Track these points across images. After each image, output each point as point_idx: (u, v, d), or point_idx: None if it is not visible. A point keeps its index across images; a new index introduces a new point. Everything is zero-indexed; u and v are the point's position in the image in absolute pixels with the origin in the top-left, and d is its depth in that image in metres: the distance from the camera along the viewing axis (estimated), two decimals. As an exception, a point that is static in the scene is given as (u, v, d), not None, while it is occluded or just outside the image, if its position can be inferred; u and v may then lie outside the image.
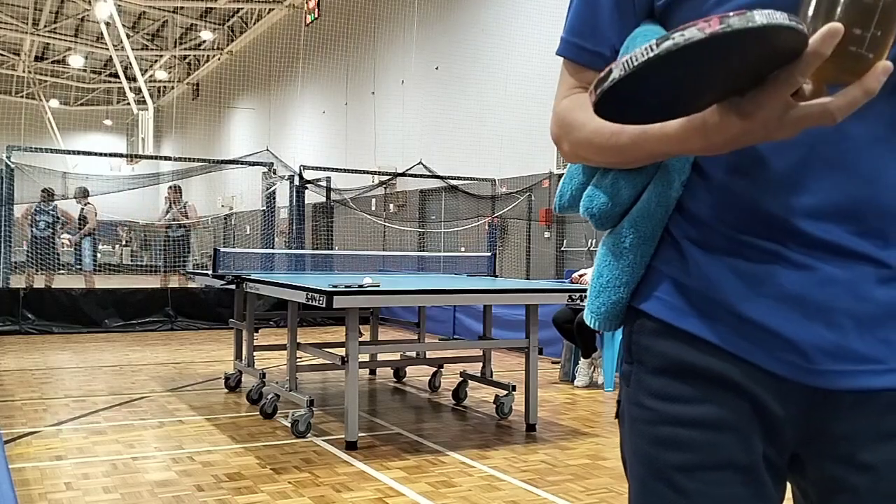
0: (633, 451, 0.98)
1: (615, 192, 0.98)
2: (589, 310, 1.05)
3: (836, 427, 0.88)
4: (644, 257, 0.98)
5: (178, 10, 22.91)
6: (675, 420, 0.92)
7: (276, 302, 9.21)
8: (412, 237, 13.92)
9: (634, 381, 0.98)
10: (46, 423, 4.71)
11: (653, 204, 0.96)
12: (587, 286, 5.45)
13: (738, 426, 0.90)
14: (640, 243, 0.97)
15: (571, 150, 0.97)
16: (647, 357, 0.97)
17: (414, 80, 14.65)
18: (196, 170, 12.79)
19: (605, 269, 1.01)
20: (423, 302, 5.49)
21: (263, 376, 5.24)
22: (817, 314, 0.85)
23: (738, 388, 0.90)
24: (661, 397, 0.94)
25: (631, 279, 0.99)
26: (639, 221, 0.97)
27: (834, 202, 0.86)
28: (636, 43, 0.96)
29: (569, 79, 1.02)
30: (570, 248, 10.60)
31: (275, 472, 3.76)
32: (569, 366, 6.64)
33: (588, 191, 1.01)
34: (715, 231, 0.92)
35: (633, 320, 1.00)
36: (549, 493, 3.53)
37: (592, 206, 1.00)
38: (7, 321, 8.99)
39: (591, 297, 1.04)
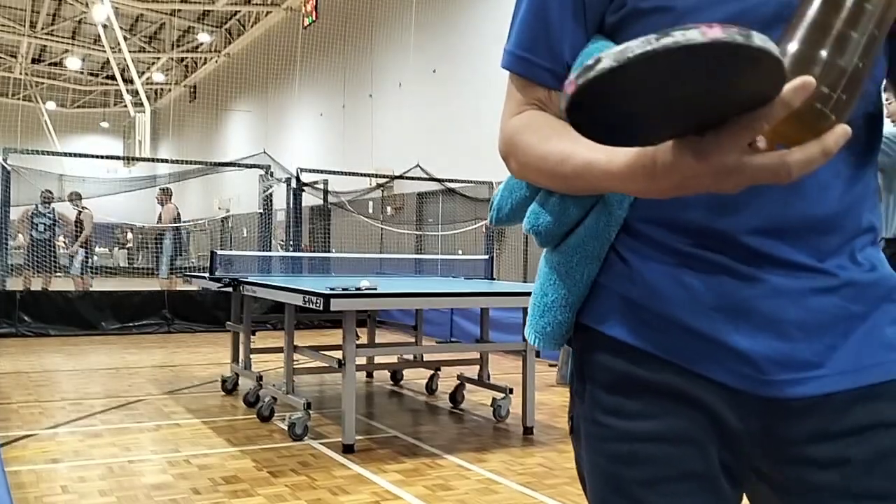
0: (591, 468, 0.97)
1: (562, 212, 0.96)
2: (532, 329, 1.02)
3: (791, 432, 0.89)
4: (590, 276, 0.97)
5: (175, 13, 22.91)
6: (631, 436, 0.92)
7: (272, 304, 9.20)
8: (409, 240, 13.91)
9: (588, 399, 0.97)
10: (42, 426, 4.70)
11: (601, 224, 0.95)
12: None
13: (694, 437, 0.90)
14: (587, 262, 0.96)
15: (519, 170, 0.95)
16: (598, 374, 0.96)
17: (411, 82, 14.65)
18: (193, 172, 12.78)
19: (550, 289, 1.00)
20: (421, 305, 5.49)
21: (260, 379, 5.23)
22: (766, 324, 0.86)
23: (691, 401, 0.90)
24: (615, 414, 0.93)
25: (577, 298, 0.98)
26: (587, 241, 0.96)
27: (779, 220, 0.87)
28: (585, 50, 0.94)
29: (516, 95, 0.99)
30: (568, 251, 10.61)
31: (271, 476, 3.75)
32: (566, 368, 6.63)
33: (533, 207, 1.00)
34: (661, 246, 0.91)
35: (582, 338, 0.99)
36: (547, 497, 3.53)
37: (539, 224, 0.98)
38: (3, 323, 8.97)
39: (533, 316, 1.02)
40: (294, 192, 11.04)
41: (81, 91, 29.86)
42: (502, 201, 1.07)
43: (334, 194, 12.47)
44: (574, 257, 0.97)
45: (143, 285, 10.83)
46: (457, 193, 12.47)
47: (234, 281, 5.29)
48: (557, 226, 0.97)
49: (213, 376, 6.45)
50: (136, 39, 24.58)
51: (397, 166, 13.79)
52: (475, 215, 12.17)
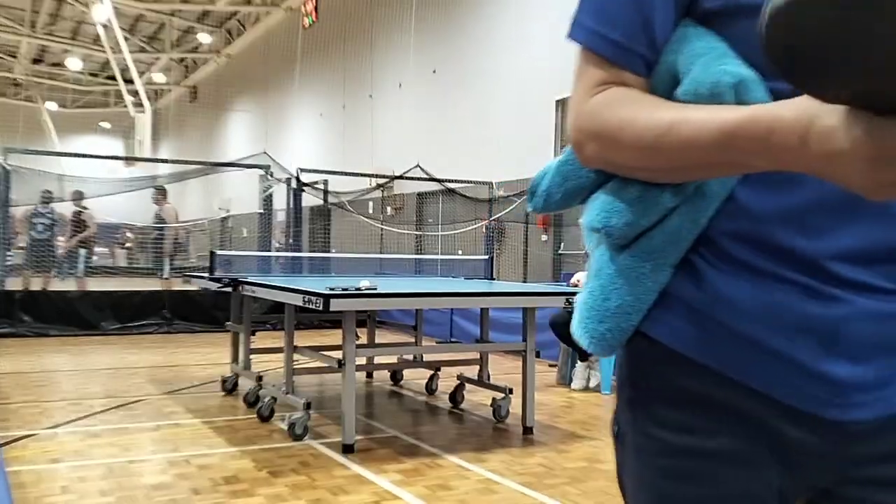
0: (638, 481, 0.94)
1: (641, 212, 0.88)
2: (588, 333, 0.94)
3: (859, 452, 0.87)
4: (661, 283, 0.90)
5: (175, 13, 22.92)
6: (686, 452, 0.88)
7: (272, 305, 9.19)
8: (409, 240, 13.91)
9: (640, 410, 0.93)
10: (42, 426, 4.70)
11: (683, 230, 0.88)
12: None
13: (751, 459, 0.87)
14: (661, 270, 0.90)
15: (599, 153, 0.87)
16: (655, 384, 0.92)
17: (411, 83, 14.65)
18: (193, 172, 12.79)
19: (615, 294, 0.92)
20: (421, 305, 5.49)
21: (260, 379, 5.23)
22: (847, 348, 0.84)
23: (755, 421, 0.87)
24: (670, 428, 0.90)
25: (644, 306, 0.91)
26: (665, 247, 0.89)
27: (868, 245, 0.84)
28: (693, 48, 0.85)
29: (595, 73, 0.89)
30: (568, 251, 10.60)
31: (271, 476, 3.75)
32: (566, 369, 6.64)
33: (605, 202, 0.91)
34: (741, 262, 0.87)
35: (638, 345, 0.93)
36: (547, 497, 3.53)
37: (612, 222, 0.90)
38: (3, 323, 8.97)
39: (590, 320, 0.94)
40: (294, 192, 11.04)
41: (82, 91, 29.87)
42: (552, 187, 1.00)
43: (334, 194, 12.48)
44: (647, 263, 0.90)
45: (143, 285, 10.83)
46: (457, 193, 12.47)
47: (233, 281, 5.29)
48: (633, 229, 0.89)
49: (213, 376, 6.45)
50: (136, 40, 24.59)
51: (397, 166, 13.79)
52: (475, 215, 12.16)
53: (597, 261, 0.96)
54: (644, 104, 0.84)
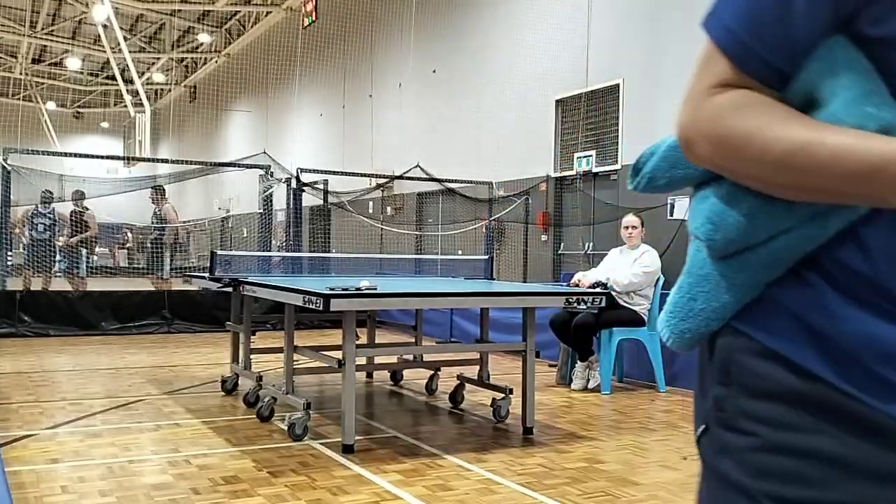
0: (724, 482, 0.88)
1: (750, 230, 0.84)
2: (670, 329, 0.94)
3: None
4: (750, 297, 0.87)
5: (175, 13, 22.91)
6: (783, 448, 0.84)
7: (272, 305, 9.20)
8: (409, 240, 13.91)
9: (731, 405, 0.88)
10: (42, 426, 4.70)
11: (788, 253, 0.84)
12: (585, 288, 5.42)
13: (855, 463, 0.82)
14: (754, 285, 0.87)
15: (712, 157, 0.83)
16: (751, 379, 0.87)
17: (411, 83, 14.65)
18: (193, 172, 12.78)
19: (702, 297, 0.90)
20: (421, 305, 5.49)
21: (260, 379, 5.23)
22: None
23: (862, 426, 0.82)
24: (766, 423, 0.85)
25: (728, 314, 0.89)
26: (766, 267, 0.85)
27: None
28: (838, 79, 0.79)
29: (723, 71, 0.83)
30: (568, 252, 10.60)
31: (271, 476, 3.75)
32: (566, 369, 6.64)
33: (713, 212, 0.87)
34: (865, 286, 0.82)
35: (734, 338, 0.89)
36: (547, 497, 3.53)
37: (716, 237, 0.86)
38: (3, 324, 8.97)
39: (674, 317, 0.93)
40: (294, 192, 11.04)
41: (81, 91, 29.87)
42: (658, 171, 0.97)
43: (334, 194, 12.48)
44: (741, 275, 0.87)
45: (143, 285, 10.83)
46: (457, 193, 12.47)
47: (234, 281, 5.29)
48: (738, 245, 0.85)
49: (213, 376, 6.45)
50: (136, 40, 24.59)
51: (397, 166, 13.79)
52: (475, 215, 12.17)
53: (692, 258, 0.94)
54: (776, 114, 0.79)
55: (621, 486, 3.72)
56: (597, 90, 10.18)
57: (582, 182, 10.27)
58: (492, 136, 12.18)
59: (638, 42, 9.57)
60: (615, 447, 4.49)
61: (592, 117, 10.29)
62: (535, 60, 11.12)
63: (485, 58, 12.54)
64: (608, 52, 10.03)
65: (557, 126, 10.88)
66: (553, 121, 10.91)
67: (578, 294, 4.82)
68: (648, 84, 9.38)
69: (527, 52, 11.29)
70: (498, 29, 12.25)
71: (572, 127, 10.66)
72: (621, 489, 3.68)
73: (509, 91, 11.84)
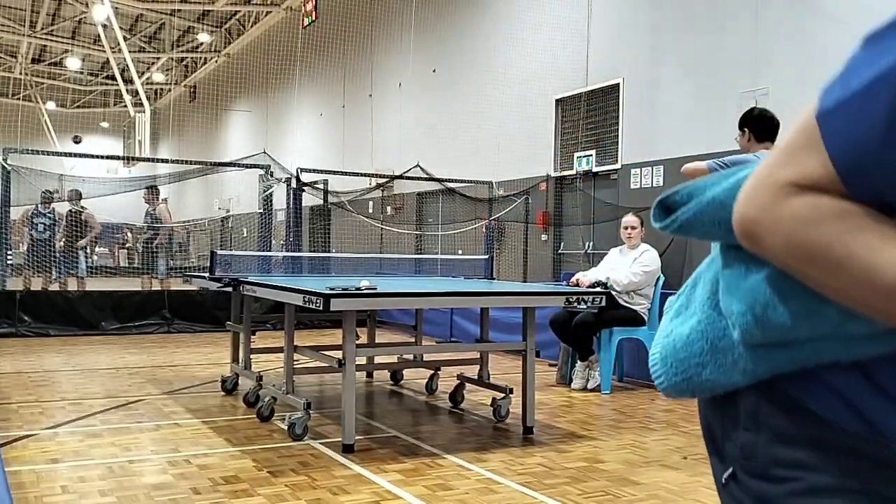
0: None
1: (794, 329, 0.81)
2: (667, 380, 0.92)
3: None
4: (768, 376, 0.86)
5: (175, 13, 22.91)
6: (822, 490, 0.83)
7: (273, 304, 9.21)
8: (409, 240, 13.91)
9: (763, 453, 0.87)
10: (43, 426, 4.70)
11: (826, 357, 0.82)
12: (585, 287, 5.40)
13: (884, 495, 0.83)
14: (775, 373, 0.85)
15: (787, 257, 0.77)
16: (781, 425, 0.86)
17: (411, 82, 14.65)
18: (193, 172, 12.78)
19: (712, 368, 0.88)
20: (421, 304, 5.49)
21: (260, 379, 5.23)
22: None
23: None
24: (800, 467, 0.85)
25: (730, 384, 0.88)
26: (794, 363, 0.83)
27: None
28: None
29: (818, 169, 0.74)
30: (568, 251, 10.60)
31: (271, 476, 3.75)
32: (566, 368, 6.64)
33: (757, 300, 0.82)
34: None
35: (763, 389, 0.88)
36: (547, 496, 3.53)
37: (755, 330, 0.82)
38: (3, 323, 8.97)
39: (675, 372, 0.91)
40: (294, 192, 11.04)
41: (81, 91, 29.87)
42: (695, 222, 0.90)
43: (334, 194, 12.48)
44: (766, 366, 0.85)
45: (143, 285, 10.82)
46: (456, 193, 12.47)
47: (234, 281, 5.29)
48: (779, 339, 0.82)
49: (213, 376, 6.45)
50: (135, 39, 24.59)
51: (397, 166, 13.80)
52: (475, 215, 12.16)
53: (709, 317, 0.90)
54: (886, 234, 0.72)
55: (621, 486, 3.72)
56: (597, 89, 10.18)
57: (582, 181, 10.27)
58: (492, 136, 12.18)
59: (638, 41, 9.57)
60: (615, 447, 4.49)
61: (592, 117, 10.29)
62: (536, 60, 11.12)
63: (485, 57, 12.54)
64: (608, 51, 10.03)
65: (557, 125, 10.88)
66: (553, 120, 10.91)
67: (578, 294, 4.82)
68: (648, 83, 9.37)
69: (527, 51, 11.29)
70: (498, 28, 12.25)
71: (572, 126, 10.66)
72: (621, 489, 3.68)
73: (509, 91, 11.84)
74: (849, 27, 7.06)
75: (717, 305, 0.90)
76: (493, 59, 12.32)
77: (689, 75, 8.87)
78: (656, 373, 0.95)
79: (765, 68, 8.09)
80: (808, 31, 7.63)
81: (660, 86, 9.21)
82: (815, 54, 7.53)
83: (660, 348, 0.96)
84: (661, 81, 9.20)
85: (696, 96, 8.75)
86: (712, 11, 8.66)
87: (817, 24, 7.51)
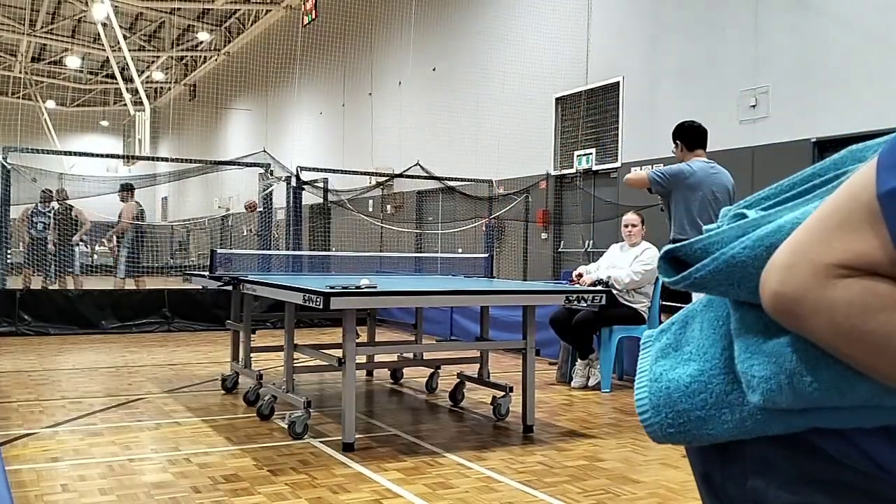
0: None
1: (820, 399, 0.76)
2: (658, 423, 0.88)
3: None
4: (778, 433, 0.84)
5: (175, 12, 22.90)
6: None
7: (273, 303, 9.21)
8: (409, 238, 13.92)
9: (774, 496, 0.84)
10: (43, 425, 4.70)
11: (847, 423, 0.79)
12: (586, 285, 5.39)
13: None
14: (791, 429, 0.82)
15: (830, 338, 0.72)
16: (794, 468, 0.83)
17: (411, 81, 14.64)
18: (193, 171, 12.79)
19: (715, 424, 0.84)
20: (421, 303, 5.49)
21: (260, 378, 5.23)
22: None
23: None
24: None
25: (737, 435, 0.84)
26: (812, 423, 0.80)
27: None
28: None
29: (878, 262, 0.70)
30: (567, 250, 10.61)
31: (272, 474, 3.76)
32: (566, 367, 6.64)
33: (783, 368, 0.77)
34: None
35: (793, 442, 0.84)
36: (547, 495, 3.53)
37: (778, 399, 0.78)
38: (4, 322, 8.98)
39: (667, 417, 0.86)
40: (294, 190, 11.04)
41: (81, 90, 29.86)
42: (712, 281, 0.83)
43: (334, 193, 12.48)
44: (781, 426, 0.82)
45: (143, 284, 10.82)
46: (456, 192, 12.47)
47: (234, 279, 5.29)
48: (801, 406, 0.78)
49: (214, 375, 6.46)
50: (135, 38, 24.58)
51: (397, 165, 13.80)
52: (475, 213, 12.16)
53: (701, 355, 0.86)
54: None
55: (621, 484, 3.72)
56: (597, 88, 10.17)
57: (582, 180, 10.27)
58: (492, 134, 12.18)
59: (638, 40, 9.56)
60: (615, 445, 4.49)
61: (592, 115, 10.28)
62: (536, 58, 11.11)
63: (485, 56, 12.54)
64: (608, 49, 10.03)
65: (557, 124, 10.88)
66: (553, 118, 10.91)
67: (578, 292, 4.82)
68: (648, 82, 9.37)
69: (527, 49, 11.29)
70: (498, 27, 12.24)
71: (572, 125, 10.66)
72: (621, 487, 3.68)
73: (509, 89, 11.83)
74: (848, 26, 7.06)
75: (724, 357, 0.85)
76: (493, 58, 12.31)
77: (689, 74, 8.87)
78: (647, 421, 0.89)
79: (764, 67, 8.09)
80: (808, 30, 7.63)
81: (660, 84, 9.20)
82: (815, 53, 7.52)
83: (648, 393, 0.89)
84: (661, 80, 9.20)
85: (695, 95, 8.75)
86: (712, 10, 8.66)
87: (816, 22, 7.50)
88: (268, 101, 22.03)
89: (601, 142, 10.05)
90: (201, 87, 27.29)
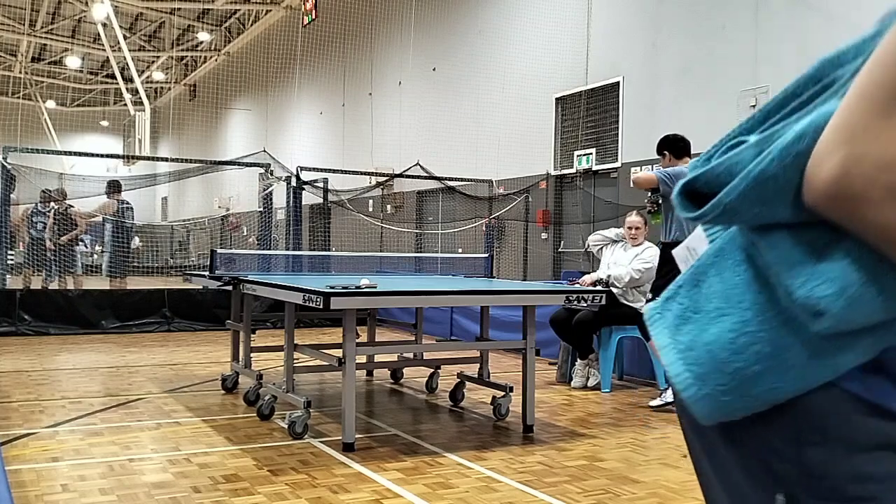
0: None
1: (882, 309, 0.71)
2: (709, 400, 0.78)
3: None
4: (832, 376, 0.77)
5: (175, 12, 22.90)
6: None
7: (273, 303, 9.21)
8: (409, 238, 13.92)
9: (839, 468, 0.76)
10: (43, 425, 4.70)
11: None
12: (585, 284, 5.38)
13: None
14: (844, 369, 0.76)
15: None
16: (859, 433, 0.76)
17: (411, 81, 14.65)
18: (193, 171, 12.79)
19: (770, 377, 0.75)
20: (421, 303, 5.49)
21: (260, 378, 5.23)
22: None
23: None
24: (886, 479, 0.75)
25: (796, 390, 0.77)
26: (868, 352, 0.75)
27: None
28: None
29: None
30: (568, 250, 10.61)
31: (272, 474, 3.76)
32: (566, 367, 6.64)
33: (848, 281, 0.71)
34: None
35: (822, 392, 0.77)
36: (547, 495, 3.53)
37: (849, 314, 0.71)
38: (4, 322, 8.98)
39: (718, 384, 0.77)
40: (294, 190, 11.04)
41: (81, 90, 29.86)
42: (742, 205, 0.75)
43: (334, 193, 12.48)
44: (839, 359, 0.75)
45: (142, 284, 10.82)
46: (456, 192, 12.47)
47: (234, 279, 5.29)
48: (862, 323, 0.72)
49: (214, 375, 6.46)
50: (135, 38, 24.58)
51: (397, 164, 13.80)
52: (475, 213, 12.17)
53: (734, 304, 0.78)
54: None
55: (621, 484, 3.72)
56: (597, 88, 10.17)
57: (582, 180, 10.27)
58: (492, 134, 12.18)
59: (638, 39, 9.56)
60: (615, 445, 4.50)
61: (592, 115, 10.28)
62: (536, 58, 11.11)
63: (485, 55, 12.54)
64: (608, 49, 10.03)
65: (557, 124, 10.88)
66: (553, 118, 10.91)
67: (578, 292, 4.82)
68: (648, 81, 9.37)
69: (527, 49, 11.29)
70: (498, 27, 12.24)
71: (572, 125, 10.66)
72: (621, 487, 3.68)
73: (509, 89, 11.83)
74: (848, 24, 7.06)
75: (763, 299, 0.77)
76: (493, 58, 12.32)
77: (689, 73, 8.87)
78: (694, 396, 0.78)
79: (764, 66, 8.09)
80: (808, 29, 7.63)
81: (660, 84, 9.20)
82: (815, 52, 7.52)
83: (684, 366, 0.79)
84: (661, 80, 9.20)
85: (695, 94, 8.75)
86: (712, 10, 8.66)
87: (817, 22, 7.51)
88: (268, 101, 22.03)
89: (601, 142, 10.06)
90: (201, 87, 27.29)
